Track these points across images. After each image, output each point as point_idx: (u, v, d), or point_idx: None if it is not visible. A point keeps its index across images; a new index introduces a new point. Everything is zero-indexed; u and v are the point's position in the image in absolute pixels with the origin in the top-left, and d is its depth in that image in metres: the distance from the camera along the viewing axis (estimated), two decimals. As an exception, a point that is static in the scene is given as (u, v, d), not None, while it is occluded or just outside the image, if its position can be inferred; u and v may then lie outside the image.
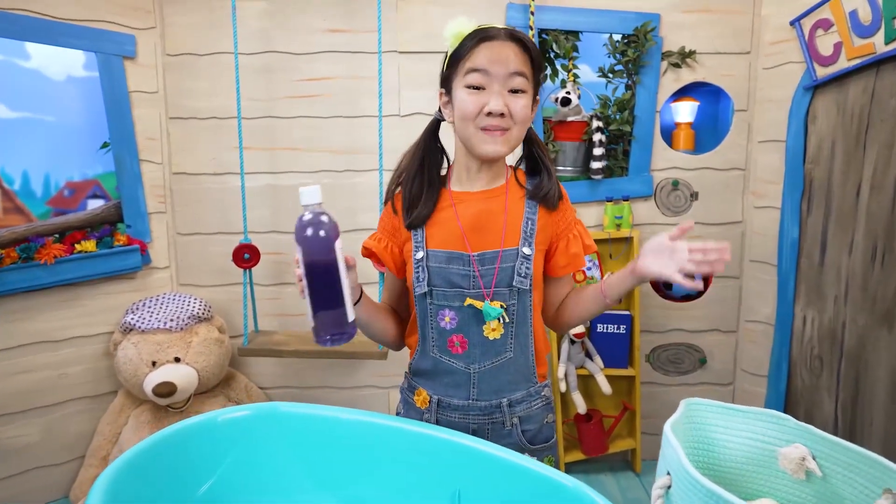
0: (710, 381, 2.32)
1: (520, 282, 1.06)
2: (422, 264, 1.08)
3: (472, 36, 1.02)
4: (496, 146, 1.03)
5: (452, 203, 1.10)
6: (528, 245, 1.08)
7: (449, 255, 1.07)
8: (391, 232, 1.15)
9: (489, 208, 1.09)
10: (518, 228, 1.09)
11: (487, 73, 1.00)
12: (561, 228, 1.12)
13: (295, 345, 2.00)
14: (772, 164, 2.12)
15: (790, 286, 2.08)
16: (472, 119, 1.02)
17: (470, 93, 1.01)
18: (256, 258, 1.98)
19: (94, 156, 2.25)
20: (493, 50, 1.00)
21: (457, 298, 1.07)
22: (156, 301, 2.06)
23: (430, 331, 1.11)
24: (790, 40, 2.01)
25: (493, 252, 1.07)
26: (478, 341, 1.08)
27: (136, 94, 2.07)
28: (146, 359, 1.92)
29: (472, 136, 1.04)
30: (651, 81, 2.13)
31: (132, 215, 2.11)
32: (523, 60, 1.01)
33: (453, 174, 1.14)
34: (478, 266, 1.07)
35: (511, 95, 1.01)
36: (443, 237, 1.09)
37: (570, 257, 1.12)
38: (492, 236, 1.08)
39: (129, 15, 2.03)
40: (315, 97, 2.13)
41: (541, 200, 1.10)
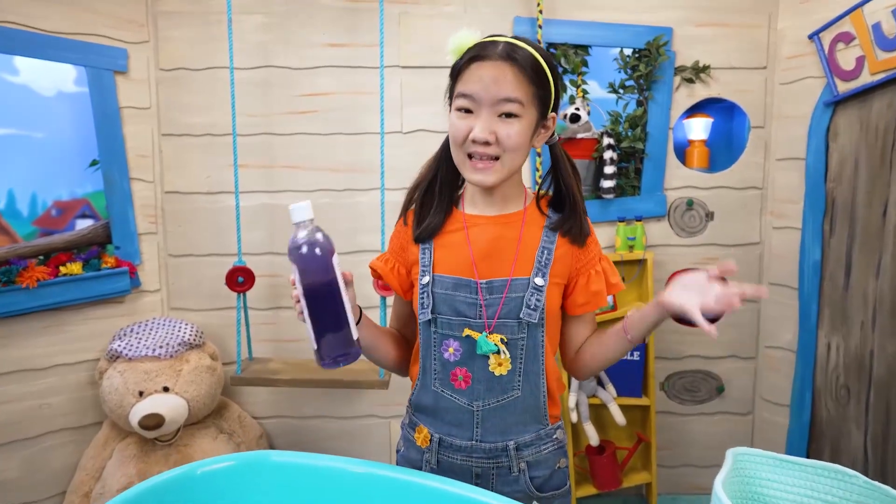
0: (729, 411, 2.20)
1: (528, 314, 0.97)
2: (427, 290, 1.00)
3: (466, 54, 0.94)
4: (482, 176, 0.95)
5: (465, 226, 1.02)
6: (541, 275, 0.99)
7: (456, 282, 0.99)
8: (399, 252, 1.08)
9: (503, 234, 1.01)
10: (531, 257, 1.00)
11: (474, 99, 0.92)
12: (582, 263, 1.02)
13: (291, 373, 1.89)
14: (791, 182, 2.03)
15: (813, 311, 1.98)
16: (459, 145, 0.95)
17: (459, 116, 0.94)
18: (251, 282, 1.88)
19: (83, 174, 2.16)
20: (483, 71, 0.92)
21: (461, 328, 0.99)
22: (144, 327, 1.95)
23: (433, 362, 1.02)
24: (808, 54, 1.94)
25: (501, 280, 0.98)
26: (482, 376, 0.99)
27: (128, 109, 1.99)
28: (133, 388, 1.80)
29: (460, 162, 0.97)
30: (664, 97, 2.05)
31: (121, 236, 2.01)
32: (518, 83, 0.92)
33: (467, 195, 1.06)
34: (484, 294, 0.98)
35: (501, 121, 0.92)
36: (451, 262, 1.01)
37: (589, 295, 1.02)
38: (502, 264, 0.99)
39: (122, 28, 1.95)
40: (314, 113, 2.05)
41: (565, 235, 1.01)
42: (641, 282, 2.10)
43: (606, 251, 2.10)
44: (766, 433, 2.16)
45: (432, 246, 1.03)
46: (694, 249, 2.13)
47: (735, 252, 2.13)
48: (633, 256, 2.05)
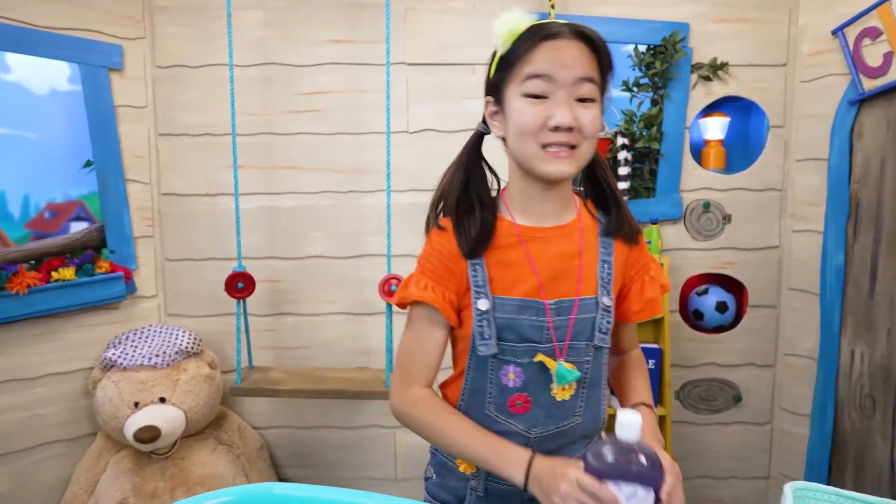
0: (746, 420, 2.12)
1: (601, 339, 0.89)
2: (487, 316, 0.89)
3: (530, 34, 0.84)
4: (561, 166, 0.84)
5: (521, 240, 0.91)
6: (607, 294, 0.91)
7: (521, 304, 0.89)
8: (445, 275, 0.92)
9: (564, 249, 0.91)
10: (594, 273, 0.91)
11: (551, 79, 0.82)
12: (636, 269, 0.96)
13: (293, 383, 1.81)
14: (812, 184, 1.95)
15: (835, 317, 1.90)
16: (532, 134, 0.84)
17: (530, 103, 0.84)
18: (251, 288, 1.81)
19: (77, 175, 2.08)
20: (557, 51, 0.83)
21: (526, 354, 0.89)
22: (140, 334, 1.87)
23: (488, 385, 0.92)
24: (831, 51, 1.86)
25: (569, 301, 0.90)
26: (544, 402, 0.91)
27: (123, 108, 1.91)
28: (128, 399, 1.73)
29: (531, 154, 0.85)
30: (680, 95, 1.98)
31: (116, 240, 1.93)
32: (592, 63, 0.84)
33: (512, 203, 0.93)
34: (552, 316, 0.89)
35: (579, 105, 0.83)
36: (512, 281, 0.90)
37: (644, 302, 0.96)
38: (567, 282, 0.90)
39: (117, 24, 1.88)
40: (317, 112, 1.98)
41: (618, 236, 0.93)
42: (656, 287, 2.02)
43: (620, 255, 2.03)
44: (785, 444, 2.08)
45: (484, 263, 0.91)
46: (710, 253, 2.05)
47: (753, 256, 2.05)
48: (648, 261, 1.97)
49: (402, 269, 1.89)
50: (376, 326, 2.01)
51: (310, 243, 2.02)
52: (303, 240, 2.02)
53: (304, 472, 2.12)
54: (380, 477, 2.11)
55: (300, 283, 2.03)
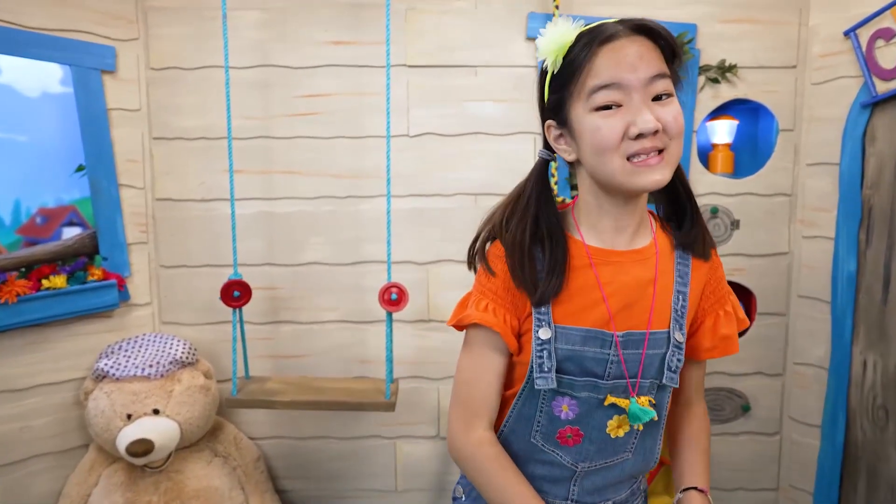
0: (755, 431, 2.07)
1: (669, 378, 0.83)
2: (548, 347, 0.82)
3: (581, 43, 0.78)
4: (655, 175, 0.77)
5: (591, 263, 0.83)
6: (679, 329, 0.84)
7: (586, 334, 0.82)
8: (508, 298, 0.85)
9: (640, 276, 0.84)
10: (668, 305, 0.84)
11: (621, 86, 0.76)
12: (711, 301, 0.88)
13: (291, 394, 1.76)
14: (823, 189, 1.91)
15: (847, 325, 1.85)
16: (614, 148, 0.77)
17: (603, 116, 0.77)
18: (247, 296, 1.76)
19: (70, 180, 2.03)
20: (619, 53, 0.76)
21: (586, 388, 0.83)
22: (133, 344, 1.82)
23: (538, 413, 0.85)
24: (843, 52, 1.82)
25: (639, 334, 0.82)
26: (596, 437, 0.85)
27: (116, 111, 1.86)
28: (120, 411, 1.68)
29: (618, 171, 0.78)
30: (687, 98, 1.93)
31: (109, 246, 1.88)
32: (659, 56, 0.78)
33: (582, 220, 0.86)
34: (622, 350, 0.82)
35: (657, 105, 0.77)
36: (578, 308, 0.83)
37: (718, 339, 0.88)
38: (639, 313, 0.83)
39: (109, 25, 1.83)
40: (316, 115, 1.93)
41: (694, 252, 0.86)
42: (663, 295, 1.97)
43: (626, 262, 1.98)
44: (795, 455, 2.03)
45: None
46: (718, 260, 2.00)
47: (762, 263, 2.00)
48: (654, 268, 1.92)
49: (402, 277, 1.85)
50: (376, 335, 1.96)
51: (308, 250, 1.97)
52: (301, 246, 1.97)
53: (302, 484, 2.07)
54: (380, 489, 2.06)
55: (298, 291, 1.98)
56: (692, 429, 0.96)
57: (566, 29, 0.79)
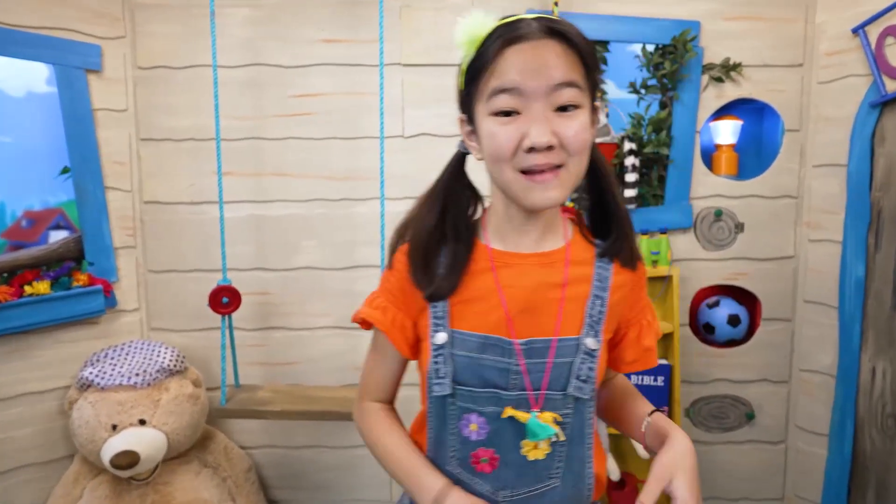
0: (760, 439, 2.02)
1: (578, 387, 0.76)
2: (444, 352, 0.77)
3: (492, 38, 0.72)
4: (548, 193, 0.72)
5: (493, 266, 0.79)
6: (593, 335, 0.78)
7: (484, 341, 0.77)
8: (400, 297, 0.83)
9: (544, 279, 0.79)
10: (581, 311, 0.78)
11: (521, 92, 0.70)
12: (635, 311, 0.83)
13: (281, 403, 1.71)
14: (830, 191, 1.85)
15: (855, 332, 1.80)
16: (507, 159, 0.72)
17: (500, 122, 0.72)
18: (237, 302, 1.70)
19: (56, 182, 1.98)
20: (524, 56, 0.70)
21: (490, 402, 0.77)
22: (120, 351, 1.77)
23: (449, 436, 0.81)
24: (851, 50, 1.76)
25: (543, 341, 0.77)
26: (513, 460, 0.78)
27: (102, 112, 1.81)
28: (105, 421, 1.62)
29: (510, 182, 0.73)
30: (690, 98, 1.88)
31: (95, 251, 1.83)
32: (571, 63, 0.71)
33: (490, 224, 0.82)
34: (524, 359, 0.76)
35: (559, 116, 0.71)
36: (476, 314, 0.78)
37: (641, 351, 0.84)
38: (544, 319, 0.78)
39: (95, 22, 1.78)
40: (308, 116, 1.87)
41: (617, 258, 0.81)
42: (666, 300, 1.92)
43: (628, 266, 1.93)
44: (801, 465, 1.98)
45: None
46: (722, 264, 1.95)
47: (767, 267, 1.95)
48: (657, 272, 1.87)
49: (397, 282, 1.80)
50: (369, 341, 1.91)
51: (300, 254, 1.92)
52: (293, 250, 1.91)
53: (294, 495, 2.02)
54: (374, 499, 2.01)
55: (290, 296, 1.93)
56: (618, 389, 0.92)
57: (482, 22, 0.74)
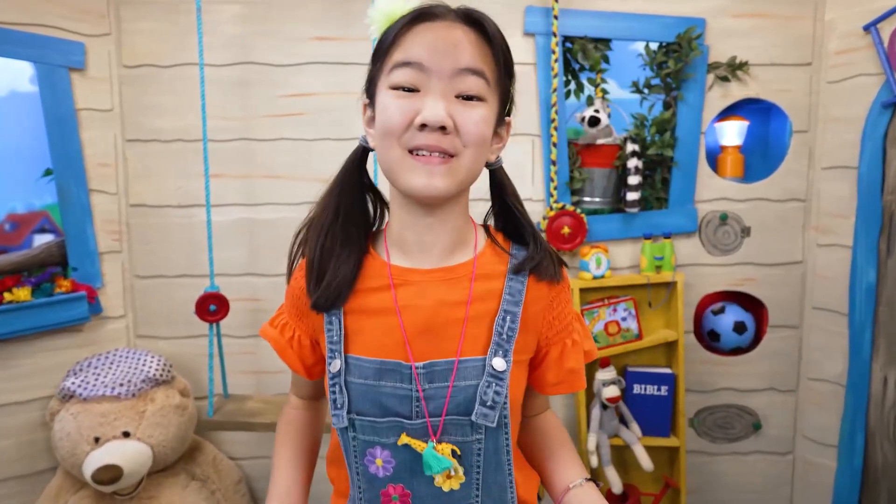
0: (766, 450, 1.96)
1: (482, 415, 0.68)
2: (339, 380, 0.71)
3: (404, 17, 0.68)
4: (433, 180, 0.66)
5: (391, 284, 0.72)
6: (502, 355, 0.70)
7: (380, 367, 0.70)
8: (299, 314, 0.78)
9: (446, 297, 0.71)
10: (487, 328, 0.71)
11: (423, 68, 0.65)
12: (557, 328, 0.75)
13: (272, 414, 1.65)
14: (839, 194, 1.79)
15: (866, 340, 1.74)
16: (396, 135, 0.66)
17: (396, 96, 0.67)
18: (225, 310, 1.64)
19: (40, 184, 1.92)
20: (433, 33, 0.66)
21: (392, 432, 0.70)
22: (104, 360, 1.70)
23: (356, 475, 0.74)
24: (862, 49, 1.70)
25: (444, 363, 0.70)
26: (426, 493, 0.71)
27: (86, 112, 1.74)
28: (87, 434, 1.56)
29: (396, 161, 0.67)
30: (695, 98, 1.81)
31: (79, 256, 1.76)
32: (481, 54, 0.67)
33: (392, 234, 0.75)
34: (423, 384, 0.69)
35: (460, 104, 0.66)
36: (373, 338, 0.72)
37: (564, 373, 0.76)
38: (446, 340, 0.71)
39: (78, 19, 1.71)
40: (299, 116, 1.81)
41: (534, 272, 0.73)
42: (670, 307, 1.86)
43: (631, 272, 1.87)
44: (809, 477, 1.92)
45: (342, 314, 0.73)
46: (728, 269, 1.89)
47: (774, 272, 1.89)
48: (660, 278, 1.81)
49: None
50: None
51: (292, 259, 1.85)
52: (284, 255, 1.83)
53: (286, 507, 1.95)
54: (369, 512, 1.94)
55: (281, 302, 1.86)
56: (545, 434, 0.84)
57: (399, 1, 0.70)
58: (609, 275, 1.81)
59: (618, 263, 1.87)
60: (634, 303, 1.83)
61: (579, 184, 1.84)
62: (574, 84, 1.86)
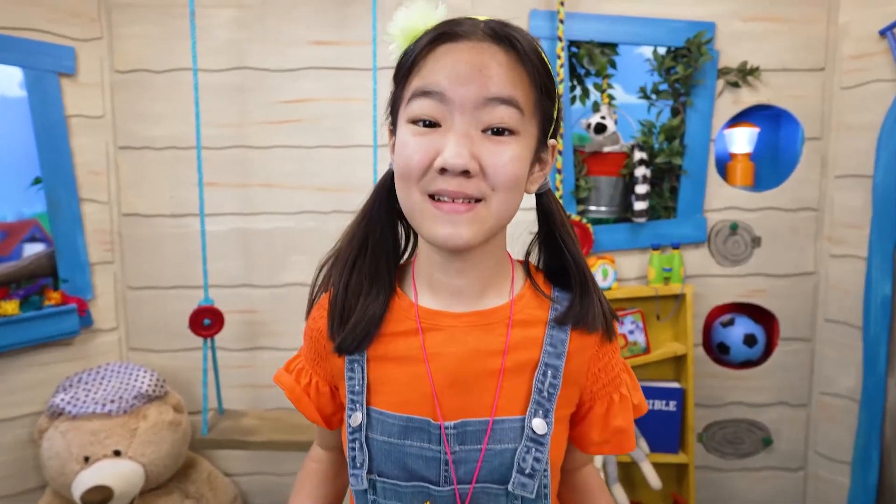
0: (777, 466, 1.91)
1: (521, 485, 0.61)
2: (359, 436, 0.64)
3: (428, 33, 0.60)
4: (457, 230, 0.58)
5: (419, 328, 0.64)
6: (543, 414, 0.63)
7: (406, 424, 0.63)
8: (317, 358, 0.70)
9: (481, 344, 0.63)
10: (526, 383, 0.63)
11: (444, 98, 0.57)
12: (603, 381, 0.67)
13: (267, 432, 1.59)
14: (853, 203, 1.74)
15: (881, 354, 1.68)
16: (415, 179, 0.59)
17: (415, 132, 0.59)
18: (219, 324, 1.59)
19: (31, 191, 1.87)
20: (457, 56, 0.58)
21: (416, 498, 0.63)
22: (95, 375, 1.65)
23: None
24: (877, 53, 1.65)
25: (477, 423, 0.62)
26: None
27: (76, 118, 1.69)
28: (77, 453, 1.51)
29: (416, 208, 0.60)
30: (704, 104, 1.76)
31: (69, 267, 1.71)
32: (513, 78, 0.58)
33: (420, 272, 0.67)
34: (452, 446, 0.62)
35: (488, 140, 0.58)
36: (398, 389, 0.64)
37: (610, 432, 0.68)
38: (479, 395, 0.63)
39: (68, 23, 1.66)
40: (296, 122, 1.76)
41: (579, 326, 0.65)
42: (679, 319, 1.81)
43: (638, 283, 1.82)
44: (821, 494, 1.86)
45: (365, 360, 0.65)
46: (738, 280, 1.84)
47: (786, 283, 1.84)
48: (669, 290, 1.76)
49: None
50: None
51: (289, 269, 1.80)
52: (281, 266, 1.80)
53: (283, 524, 1.90)
54: (368, 530, 1.89)
55: (278, 314, 1.81)
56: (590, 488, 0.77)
57: (420, 14, 0.61)
58: (616, 286, 1.75)
59: (625, 275, 1.82)
60: (642, 315, 1.78)
61: (585, 192, 1.79)
62: (580, 89, 1.81)
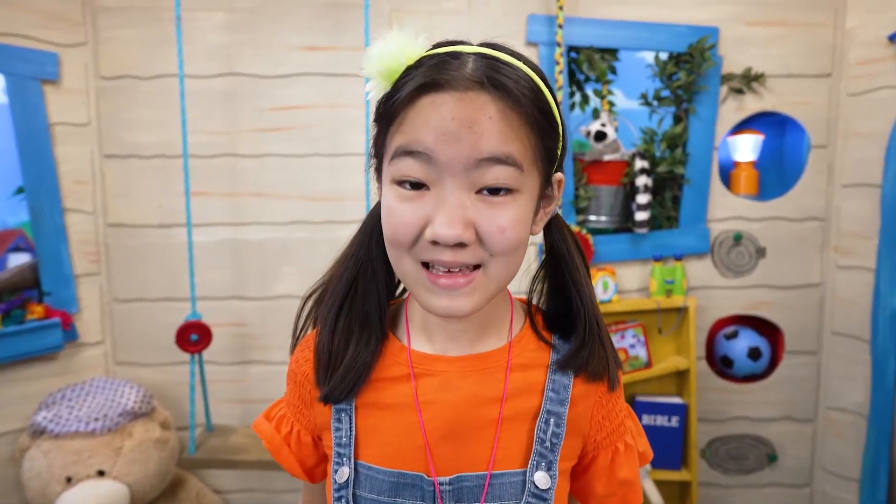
0: (782, 482, 1.86)
1: None
2: (345, 494, 0.59)
3: (409, 75, 0.52)
4: (455, 302, 0.53)
5: (411, 374, 0.60)
6: (546, 467, 0.58)
7: (397, 480, 0.58)
8: (301, 405, 0.65)
9: (477, 391, 0.59)
10: (525, 432, 0.59)
11: (431, 159, 0.51)
12: (606, 430, 0.62)
13: (257, 451, 1.54)
14: (861, 213, 1.69)
15: (890, 368, 1.64)
16: (405, 248, 0.53)
17: (400, 197, 0.53)
18: (207, 340, 1.54)
19: (14, 200, 1.82)
20: (443, 111, 0.50)
21: None
22: (79, 391, 1.60)
23: None
24: (886, 59, 1.60)
25: (474, 477, 0.58)
26: None
27: (60, 126, 1.64)
28: (59, 473, 1.46)
29: (409, 277, 0.55)
30: (707, 111, 1.71)
31: (53, 279, 1.66)
32: (507, 131, 0.51)
33: (413, 313, 0.63)
34: (446, 502, 0.57)
35: (484, 202, 0.52)
36: (388, 441, 0.59)
37: (616, 484, 0.63)
38: (475, 446, 0.58)
39: (51, 27, 1.61)
40: (287, 130, 1.71)
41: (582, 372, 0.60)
42: (681, 332, 1.76)
43: (639, 295, 1.77)
44: (828, 511, 1.82)
45: (353, 409, 0.60)
46: (742, 292, 1.79)
47: (791, 295, 1.79)
48: (671, 303, 1.71)
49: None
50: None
51: (280, 281, 1.75)
52: (272, 277, 1.75)
53: (274, 543, 1.85)
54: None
55: (269, 327, 1.76)
56: None
57: (398, 48, 0.53)
58: (616, 299, 1.71)
59: (625, 287, 1.77)
60: (643, 329, 1.73)
61: (585, 202, 1.74)
62: (579, 95, 1.76)
